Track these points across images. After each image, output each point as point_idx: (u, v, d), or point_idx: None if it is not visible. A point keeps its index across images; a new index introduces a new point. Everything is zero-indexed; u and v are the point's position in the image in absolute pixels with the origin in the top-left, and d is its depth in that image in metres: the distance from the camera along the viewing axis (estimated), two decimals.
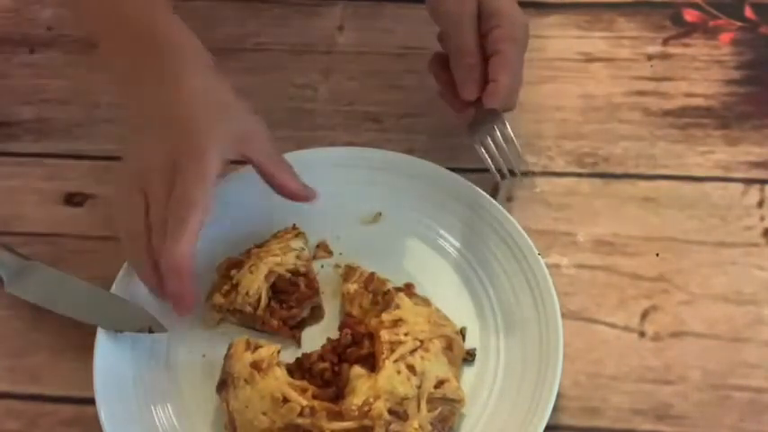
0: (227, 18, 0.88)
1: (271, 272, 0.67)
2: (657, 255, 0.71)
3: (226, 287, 0.67)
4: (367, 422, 0.58)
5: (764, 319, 0.68)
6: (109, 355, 0.64)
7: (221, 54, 0.85)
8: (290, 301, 0.67)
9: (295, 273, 0.68)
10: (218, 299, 0.67)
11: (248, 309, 0.66)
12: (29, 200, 0.76)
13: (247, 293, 0.66)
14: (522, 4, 0.74)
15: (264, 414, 0.60)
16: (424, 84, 0.80)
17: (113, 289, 0.66)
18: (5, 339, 0.69)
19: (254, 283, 0.66)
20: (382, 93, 0.82)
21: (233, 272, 0.68)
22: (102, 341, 0.64)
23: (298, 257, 0.68)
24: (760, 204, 0.73)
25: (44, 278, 0.69)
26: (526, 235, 0.68)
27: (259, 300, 0.66)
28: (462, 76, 0.71)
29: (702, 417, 0.64)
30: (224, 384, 0.62)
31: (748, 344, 0.67)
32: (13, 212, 0.75)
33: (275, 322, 0.66)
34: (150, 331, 0.64)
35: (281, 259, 0.67)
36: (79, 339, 0.66)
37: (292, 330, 0.67)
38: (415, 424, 0.59)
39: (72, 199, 0.76)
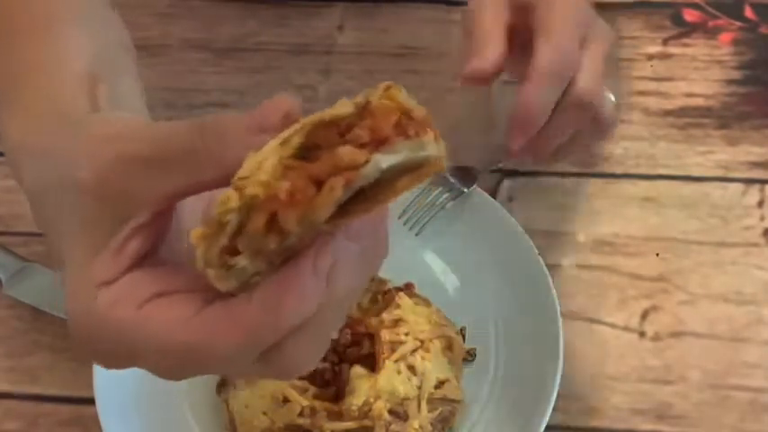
0: (227, 18, 0.88)
1: (299, 128, 0.33)
2: (657, 255, 0.71)
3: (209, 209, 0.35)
4: (367, 422, 0.58)
5: (764, 319, 0.68)
6: None
7: (221, 54, 0.85)
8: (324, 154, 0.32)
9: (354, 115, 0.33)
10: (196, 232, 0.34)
11: (231, 204, 0.32)
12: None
13: (245, 178, 0.32)
14: None
15: (264, 414, 0.59)
16: (424, 84, 0.80)
17: None
18: (5, 339, 0.69)
19: (263, 155, 0.33)
20: None
21: None
22: None
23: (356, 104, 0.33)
24: (760, 204, 0.73)
25: (43, 280, 0.69)
26: (526, 235, 0.68)
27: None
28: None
29: (702, 417, 0.63)
30: (224, 384, 0.62)
31: (748, 344, 0.67)
32: (12, 212, 0.75)
33: (283, 186, 0.32)
34: None
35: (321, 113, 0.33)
36: None
37: (338, 212, 0.32)
38: (416, 424, 0.59)
39: None
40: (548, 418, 0.60)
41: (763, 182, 0.75)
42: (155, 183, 0.35)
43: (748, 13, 0.86)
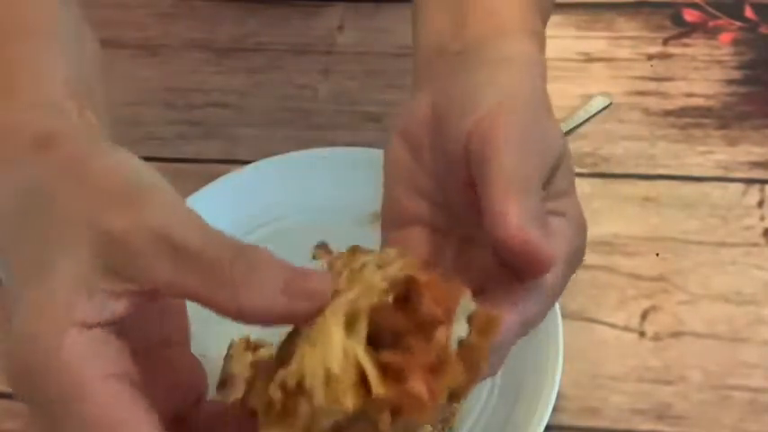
0: (227, 18, 0.88)
1: (354, 313, 0.34)
2: (657, 255, 0.71)
3: (275, 402, 0.35)
4: None
5: (764, 319, 0.68)
6: None
7: (221, 54, 0.85)
8: (413, 340, 0.33)
9: (402, 292, 0.34)
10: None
11: (347, 405, 0.32)
12: None
13: (328, 380, 0.33)
14: None
15: None
16: None
17: None
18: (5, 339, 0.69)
19: (329, 349, 0.33)
20: (382, 93, 0.82)
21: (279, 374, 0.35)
22: None
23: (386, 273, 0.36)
24: (760, 204, 0.73)
25: None
26: None
27: (360, 374, 0.33)
28: None
29: (702, 417, 0.63)
30: (224, 384, 0.61)
31: (748, 344, 0.67)
32: None
33: (419, 386, 0.32)
34: None
35: (357, 291, 0.35)
36: None
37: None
38: None
39: None
40: (548, 418, 0.60)
41: (763, 182, 0.75)
42: (171, 270, 0.35)
43: (748, 13, 0.86)
